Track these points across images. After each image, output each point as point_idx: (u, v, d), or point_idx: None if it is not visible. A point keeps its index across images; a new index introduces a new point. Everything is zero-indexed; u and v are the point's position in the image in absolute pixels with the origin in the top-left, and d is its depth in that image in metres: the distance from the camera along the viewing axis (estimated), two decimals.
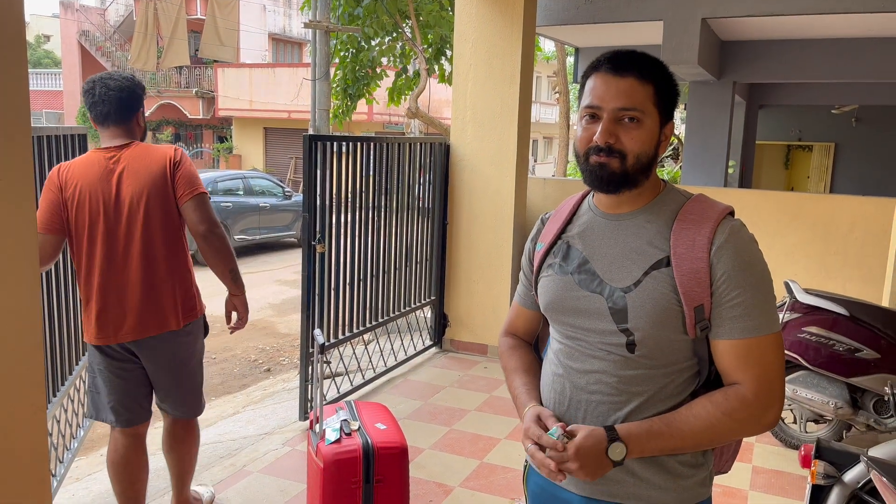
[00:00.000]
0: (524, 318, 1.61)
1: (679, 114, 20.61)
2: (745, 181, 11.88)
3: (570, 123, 16.97)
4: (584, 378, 1.37)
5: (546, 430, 1.33)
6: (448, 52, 9.09)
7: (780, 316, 3.86)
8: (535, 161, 31.31)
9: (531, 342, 1.63)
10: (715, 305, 1.30)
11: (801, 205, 5.27)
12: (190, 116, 24.72)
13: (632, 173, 1.33)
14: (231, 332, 2.91)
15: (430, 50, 9.10)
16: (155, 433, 3.45)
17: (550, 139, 32.96)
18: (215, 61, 23.99)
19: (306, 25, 8.26)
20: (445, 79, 9.36)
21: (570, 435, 1.30)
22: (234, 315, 2.85)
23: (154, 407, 2.83)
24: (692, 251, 1.29)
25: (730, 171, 10.25)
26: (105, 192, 2.54)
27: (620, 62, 1.33)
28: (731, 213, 1.37)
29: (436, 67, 9.24)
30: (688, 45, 6.38)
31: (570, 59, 13.82)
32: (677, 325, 1.31)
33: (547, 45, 19.89)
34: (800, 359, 3.73)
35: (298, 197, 13.24)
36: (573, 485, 1.40)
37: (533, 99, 5.68)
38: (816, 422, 3.92)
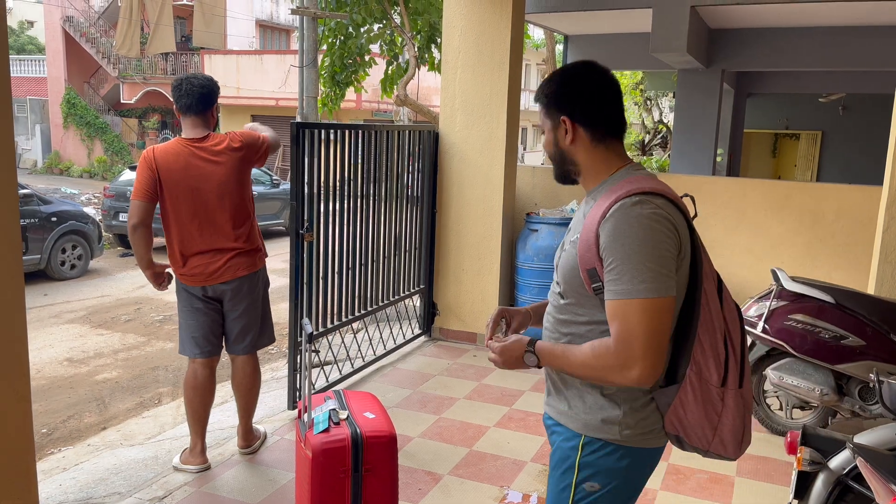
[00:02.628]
0: None
1: (668, 102, 20.63)
2: (733, 169, 11.92)
3: None
4: (546, 316, 1.77)
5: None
6: (438, 40, 9.02)
7: (767, 304, 3.88)
8: (525, 149, 31.28)
9: None
10: (604, 271, 1.53)
11: (789, 193, 5.29)
12: None
13: (556, 171, 1.75)
14: None
15: (419, 37, 9.03)
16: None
17: (539, 127, 32.91)
18: (202, 48, 23.77)
19: (294, 12, 8.18)
20: (435, 66, 9.31)
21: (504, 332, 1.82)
22: None
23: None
24: (592, 223, 1.56)
25: (718, 159, 10.28)
26: (195, 176, 3.21)
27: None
28: (641, 193, 1.53)
29: (426, 55, 9.17)
30: (676, 33, 6.37)
31: (560, 48, 13.78)
32: (582, 283, 1.59)
33: (536, 33, 19.82)
34: (786, 346, 3.76)
35: (286, 185, 13.15)
36: (545, 404, 1.80)
37: (522, 87, 5.66)
38: (802, 408, 3.95)
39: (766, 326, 3.84)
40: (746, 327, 3.94)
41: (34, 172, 24.98)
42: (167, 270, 3.38)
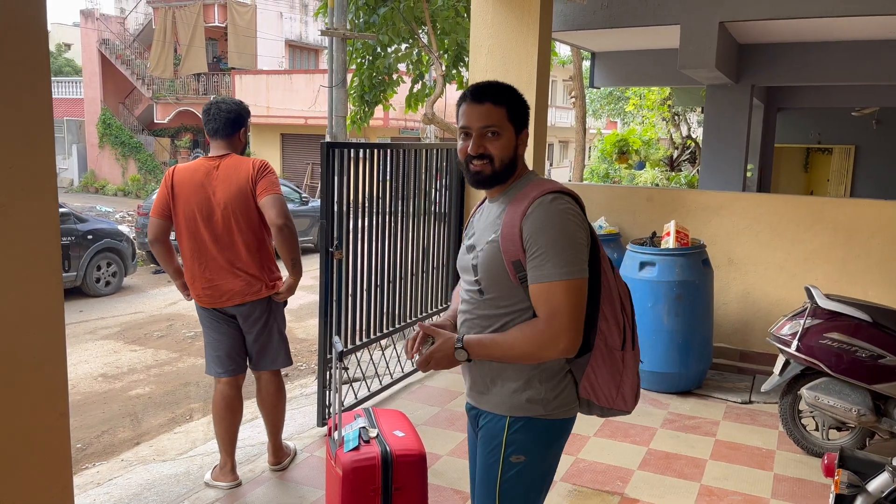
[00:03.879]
0: None
1: (696, 117, 20.47)
2: (763, 185, 11.77)
3: (587, 127, 16.91)
4: (462, 316, 1.92)
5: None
6: (465, 59, 9.09)
7: (801, 322, 3.82)
8: (551, 165, 31.23)
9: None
10: (527, 259, 1.73)
11: (822, 209, 5.21)
12: None
13: (500, 172, 1.84)
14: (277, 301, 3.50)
15: (446, 56, 9.10)
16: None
17: (566, 143, 32.86)
18: (233, 68, 24.22)
19: (323, 33, 8.30)
20: (463, 85, 9.37)
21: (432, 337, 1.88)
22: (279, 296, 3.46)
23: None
24: (512, 220, 1.76)
25: (748, 174, 10.16)
26: (204, 192, 3.22)
27: (479, 93, 1.85)
28: (559, 192, 1.77)
29: (453, 74, 9.24)
30: (705, 49, 6.33)
31: (586, 64, 13.79)
32: (506, 275, 1.77)
33: (563, 50, 19.87)
34: (821, 365, 3.69)
35: (315, 202, 13.29)
36: (467, 395, 1.97)
37: (549, 103, 5.66)
38: (839, 429, 3.87)
39: (800, 345, 3.77)
40: (780, 346, 3.90)
41: (71, 191, 25.57)
42: None
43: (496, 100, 1.82)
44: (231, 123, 3.31)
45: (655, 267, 4.71)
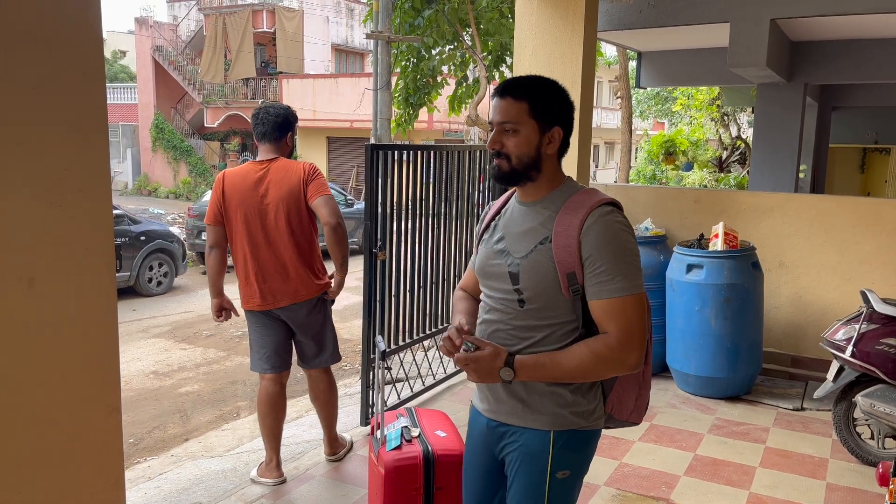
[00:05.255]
0: (472, 279, 2.04)
1: (746, 117, 20.01)
2: (817, 186, 11.44)
3: (633, 128, 16.68)
4: (490, 326, 1.81)
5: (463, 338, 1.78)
6: (508, 60, 9.07)
7: (856, 327, 3.70)
8: (596, 167, 30.92)
9: (476, 296, 2.03)
10: (586, 274, 1.68)
11: (879, 210, 5.04)
12: None
13: (518, 170, 1.76)
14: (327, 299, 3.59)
15: (489, 58, 9.10)
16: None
17: (612, 144, 32.49)
18: (280, 73, 24.64)
19: (368, 36, 8.38)
20: None
21: (479, 347, 1.72)
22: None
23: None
24: (567, 231, 1.69)
25: (801, 175, 9.89)
26: (255, 195, 3.30)
27: (503, 87, 1.78)
28: (611, 204, 1.73)
29: (496, 74, 9.23)
30: (756, 47, 6.19)
31: (633, 64, 13.62)
32: (556, 287, 1.70)
33: (609, 50, 19.66)
34: (878, 371, 3.57)
35: (360, 204, 13.41)
36: (485, 410, 1.86)
37: (594, 104, 5.61)
38: (895, 437, 3.73)
39: (855, 350, 3.66)
40: (834, 351, 3.78)
41: (125, 194, 26.34)
42: (230, 309, 3.50)
43: (517, 94, 1.75)
44: (279, 127, 3.39)
45: (703, 269, 4.62)
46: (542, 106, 1.76)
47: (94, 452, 2.17)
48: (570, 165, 5.17)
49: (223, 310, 3.49)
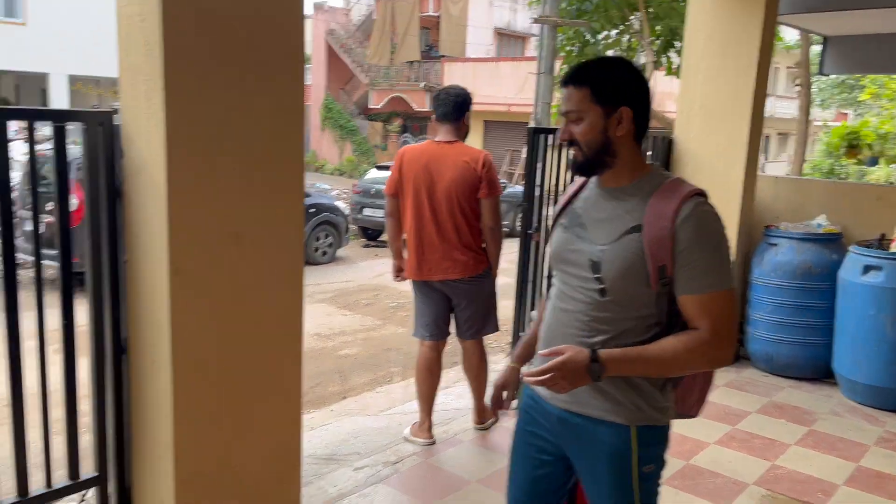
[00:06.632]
0: None
1: None
2: None
3: (811, 119, 15.48)
4: (566, 315, 1.73)
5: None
6: (677, 44, 8.76)
7: None
8: (766, 159, 28.97)
9: None
10: (678, 267, 1.62)
11: None
12: (416, 109, 26.21)
13: (592, 158, 1.69)
14: None
15: (657, 42, 8.84)
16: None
17: (785, 135, 30.26)
18: (443, 56, 25.22)
19: (535, 21, 8.43)
20: (673, 71, 9.05)
21: (557, 354, 1.60)
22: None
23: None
24: (660, 222, 1.61)
25: None
26: (428, 173, 3.50)
27: (565, 77, 1.72)
28: (700, 194, 1.66)
29: (663, 60, 8.96)
30: None
31: (816, 49, 12.62)
32: (642, 279, 1.63)
33: (788, 34, 18.29)
34: None
35: (512, 188, 13.51)
36: (554, 399, 1.76)
37: (768, 92, 5.34)
38: None
39: None
40: None
41: None
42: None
43: (579, 81, 1.68)
44: (458, 107, 3.58)
45: (882, 272, 4.30)
46: (605, 88, 1.67)
47: (280, 394, 2.46)
48: (737, 156, 4.97)
49: (401, 271, 3.79)
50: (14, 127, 2.31)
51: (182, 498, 2.15)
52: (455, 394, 4.58)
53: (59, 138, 2.09)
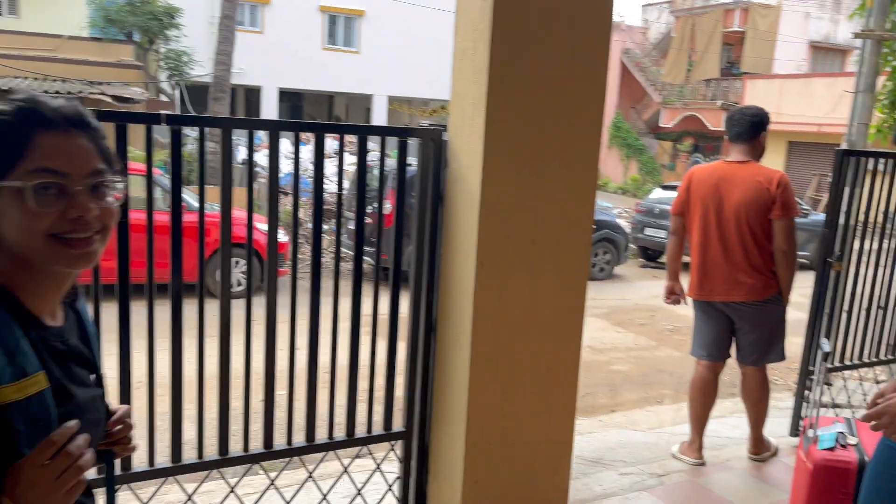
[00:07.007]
0: None
1: None
2: None
3: None
4: None
5: None
6: None
7: None
8: None
9: None
10: None
11: None
12: (711, 128, 24.97)
13: None
14: None
15: None
16: None
17: None
18: (744, 73, 23.76)
19: (857, 36, 7.68)
20: None
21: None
22: None
23: None
24: None
25: None
26: (718, 192, 3.45)
27: None
28: None
29: None
30: None
31: None
32: None
33: None
34: None
35: (816, 216, 12.33)
36: None
37: None
38: None
39: None
40: None
41: None
42: (679, 295, 3.75)
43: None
44: (754, 127, 3.51)
45: None
46: None
47: (561, 392, 2.72)
48: None
49: (673, 294, 3.78)
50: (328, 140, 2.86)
51: (470, 458, 2.50)
52: (730, 424, 4.44)
53: (402, 150, 2.57)
